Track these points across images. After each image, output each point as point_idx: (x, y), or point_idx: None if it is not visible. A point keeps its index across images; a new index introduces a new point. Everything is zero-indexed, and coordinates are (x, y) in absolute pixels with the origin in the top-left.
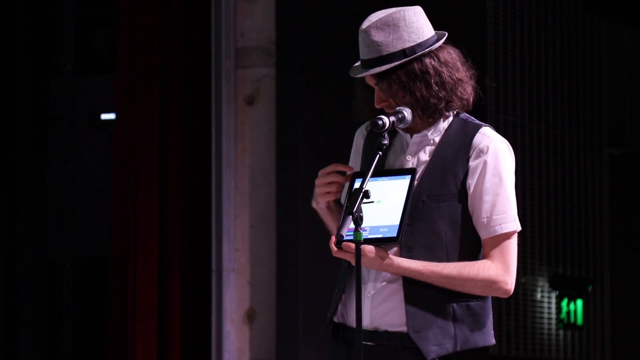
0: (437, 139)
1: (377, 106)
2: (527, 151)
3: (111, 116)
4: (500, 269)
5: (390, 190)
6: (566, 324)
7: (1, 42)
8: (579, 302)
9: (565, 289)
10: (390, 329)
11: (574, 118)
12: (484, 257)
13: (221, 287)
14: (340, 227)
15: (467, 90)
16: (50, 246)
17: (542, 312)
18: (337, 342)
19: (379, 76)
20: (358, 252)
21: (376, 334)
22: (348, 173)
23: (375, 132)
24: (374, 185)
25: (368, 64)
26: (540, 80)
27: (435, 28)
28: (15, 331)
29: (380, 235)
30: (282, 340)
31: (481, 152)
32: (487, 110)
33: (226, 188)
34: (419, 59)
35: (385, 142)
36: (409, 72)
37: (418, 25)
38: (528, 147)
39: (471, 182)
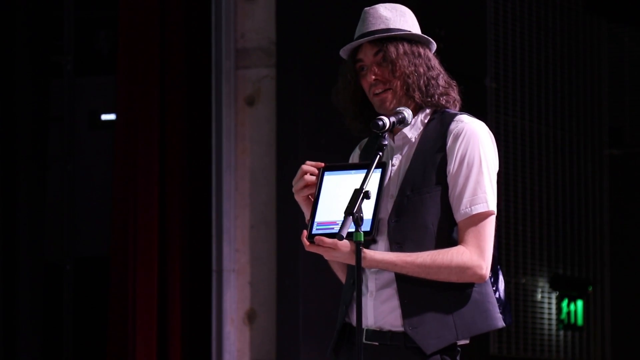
0: (417, 136)
1: (370, 80)
2: (527, 151)
3: (111, 117)
4: (475, 254)
5: (356, 185)
6: (566, 325)
7: (2, 42)
8: (579, 303)
9: (566, 290)
10: (394, 329)
11: (574, 118)
12: (459, 242)
13: (221, 287)
14: (340, 228)
15: (457, 96)
16: (50, 246)
17: (543, 313)
18: (344, 342)
19: (384, 42)
20: (358, 252)
21: (380, 334)
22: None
23: (376, 133)
24: (337, 180)
25: (373, 34)
26: (540, 81)
27: (435, 28)
28: (15, 331)
29: (353, 230)
30: (282, 341)
31: (456, 137)
32: (487, 110)
33: (226, 188)
34: (424, 46)
35: (386, 142)
36: (413, 51)
37: (418, 26)
38: (528, 147)
39: (448, 168)
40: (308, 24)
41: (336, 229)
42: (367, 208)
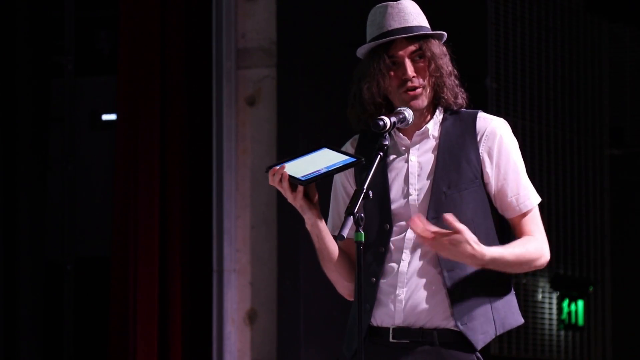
0: (436, 133)
1: (408, 76)
2: (527, 152)
3: (112, 117)
4: (545, 243)
5: (316, 159)
6: (567, 325)
7: (2, 42)
8: (580, 303)
9: (566, 290)
10: (426, 326)
11: (574, 118)
12: (521, 235)
13: (222, 287)
14: (341, 228)
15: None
16: (51, 247)
17: (543, 313)
18: (367, 344)
19: (424, 39)
20: (359, 252)
21: (410, 331)
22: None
23: (376, 133)
24: (295, 164)
25: (411, 30)
26: (541, 81)
27: (436, 28)
28: (16, 331)
29: (341, 164)
30: (283, 341)
31: (488, 138)
32: (487, 111)
33: (227, 189)
34: (445, 45)
35: (387, 142)
36: (443, 50)
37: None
38: (529, 147)
39: (490, 170)
40: (308, 24)
41: (320, 170)
42: (335, 157)
